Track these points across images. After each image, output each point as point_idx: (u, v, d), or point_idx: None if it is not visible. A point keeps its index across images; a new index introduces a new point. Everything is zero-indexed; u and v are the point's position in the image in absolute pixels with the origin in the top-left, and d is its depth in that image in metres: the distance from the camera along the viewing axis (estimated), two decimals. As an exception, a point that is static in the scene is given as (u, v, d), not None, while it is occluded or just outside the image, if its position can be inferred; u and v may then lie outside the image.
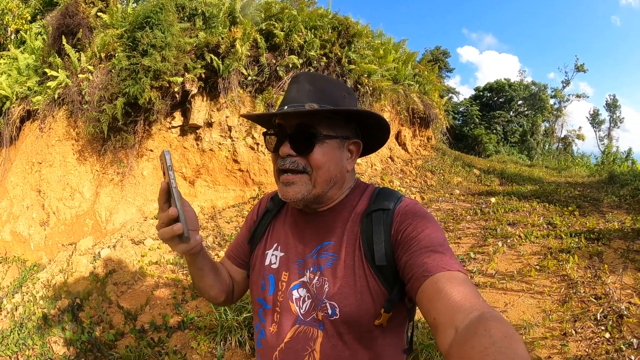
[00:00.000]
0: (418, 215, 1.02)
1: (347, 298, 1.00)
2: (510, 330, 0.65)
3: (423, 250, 0.92)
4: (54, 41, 7.21)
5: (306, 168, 1.06)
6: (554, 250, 4.86)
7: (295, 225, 1.20)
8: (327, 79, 1.15)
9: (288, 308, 1.08)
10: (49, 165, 6.89)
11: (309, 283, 1.07)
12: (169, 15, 6.35)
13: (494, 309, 0.77)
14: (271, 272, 1.16)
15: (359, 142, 1.16)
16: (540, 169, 14.49)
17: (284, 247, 1.18)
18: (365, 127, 1.17)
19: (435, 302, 0.82)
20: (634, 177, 9.93)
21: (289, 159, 1.06)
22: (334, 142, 1.08)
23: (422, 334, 3.46)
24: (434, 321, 0.80)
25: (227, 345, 3.63)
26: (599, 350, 3.15)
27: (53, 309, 4.75)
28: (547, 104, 31.15)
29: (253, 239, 1.30)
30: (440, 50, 32.09)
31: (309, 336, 1.03)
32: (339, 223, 1.11)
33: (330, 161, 1.07)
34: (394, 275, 0.99)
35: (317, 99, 1.06)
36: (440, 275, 0.85)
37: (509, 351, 0.60)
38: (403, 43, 11.62)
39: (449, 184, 9.61)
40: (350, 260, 1.04)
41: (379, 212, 1.06)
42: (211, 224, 6.54)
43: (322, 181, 1.07)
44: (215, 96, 7.29)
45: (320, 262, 1.07)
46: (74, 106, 6.71)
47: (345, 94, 1.13)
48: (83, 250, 5.83)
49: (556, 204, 7.30)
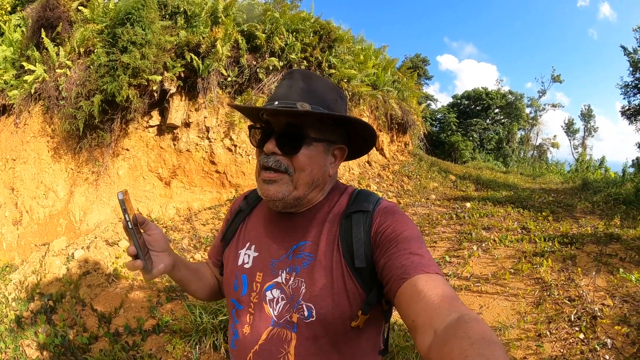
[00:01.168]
0: (397, 218, 1.01)
1: (324, 300, 0.98)
2: (489, 332, 0.66)
3: (401, 252, 0.92)
4: (33, 34, 7.03)
5: (288, 169, 1.04)
6: (528, 254, 4.96)
7: (269, 224, 1.17)
8: (321, 79, 1.12)
9: (262, 309, 1.06)
10: (23, 162, 6.70)
11: (284, 284, 1.04)
12: (150, 13, 6.27)
13: (472, 311, 0.78)
14: (244, 272, 1.14)
15: (344, 148, 1.14)
16: (515, 176, 14.83)
17: (257, 246, 1.15)
18: (352, 134, 1.16)
19: (413, 304, 0.81)
20: (606, 184, 10.25)
21: (273, 158, 1.04)
22: (320, 146, 1.06)
23: (398, 336, 3.48)
24: (413, 323, 0.80)
25: (202, 348, 3.58)
26: (573, 351, 3.22)
27: (26, 311, 4.61)
28: (523, 112, 32.02)
29: (225, 238, 1.28)
30: (419, 58, 32.57)
31: (282, 339, 1.01)
32: (316, 223, 1.09)
33: (314, 164, 1.05)
34: (372, 277, 0.98)
35: (309, 99, 1.03)
36: (419, 278, 0.85)
37: (487, 352, 0.60)
38: (383, 49, 11.77)
39: (425, 188, 9.74)
40: (327, 262, 1.02)
41: (358, 214, 1.04)
42: (187, 226, 6.44)
43: (304, 184, 1.05)
44: (194, 96, 7.21)
45: (295, 262, 1.05)
46: (51, 102, 6.55)
47: (337, 97, 1.12)
48: (56, 251, 5.67)
49: (530, 209, 7.47)
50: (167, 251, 1.14)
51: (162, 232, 1.14)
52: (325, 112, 1.03)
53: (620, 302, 3.72)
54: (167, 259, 1.12)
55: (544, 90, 35.02)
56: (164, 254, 1.12)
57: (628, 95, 25.69)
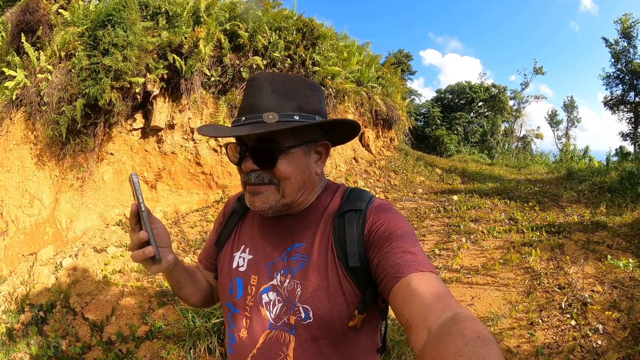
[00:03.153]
0: (390, 216, 1.01)
1: (320, 301, 0.98)
2: (484, 331, 0.66)
3: (395, 250, 0.92)
4: (13, 39, 6.86)
5: (272, 180, 1.02)
6: (517, 244, 5.02)
7: (263, 226, 1.16)
8: (287, 78, 1.06)
9: (258, 312, 1.05)
10: (6, 171, 6.56)
11: (280, 286, 1.03)
12: (131, 14, 6.17)
13: (467, 309, 0.77)
14: (239, 275, 1.12)
15: (327, 144, 1.11)
16: (500, 168, 14.98)
17: (252, 249, 1.14)
18: (332, 127, 1.13)
19: (408, 303, 0.81)
20: (591, 173, 10.41)
21: (254, 174, 1.02)
22: (299, 150, 1.03)
23: (392, 330, 3.50)
24: (407, 322, 0.79)
25: (196, 352, 3.55)
26: (566, 337, 3.27)
27: (17, 323, 4.53)
28: (507, 105, 32.46)
29: (219, 241, 1.26)
30: (403, 54, 32.78)
31: (281, 341, 1.00)
32: (311, 224, 1.08)
33: (296, 170, 1.03)
34: (367, 276, 0.98)
35: (277, 105, 0.99)
36: (413, 276, 0.85)
37: (482, 351, 0.60)
38: (367, 45, 11.79)
39: (412, 183, 9.80)
40: (322, 262, 1.01)
41: (351, 213, 1.04)
42: (175, 229, 6.38)
43: (291, 191, 1.04)
44: (178, 97, 7.14)
45: (291, 264, 1.04)
46: (32, 108, 6.40)
47: (308, 91, 1.06)
48: (44, 260, 5.58)
49: (517, 200, 7.56)
50: (169, 247, 1.09)
51: (165, 227, 1.10)
52: (292, 121, 0.98)
53: (610, 288, 3.79)
54: (171, 255, 1.08)
55: (526, 83, 35.55)
56: (166, 250, 1.07)
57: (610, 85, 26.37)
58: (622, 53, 24.61)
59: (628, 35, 23.97)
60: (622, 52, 24.60)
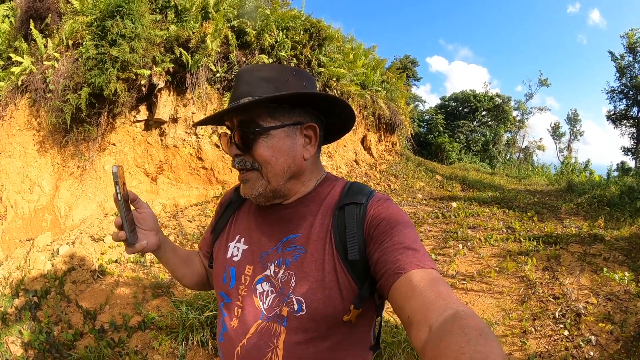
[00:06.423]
0: (391, 211, 1.00)
1: (314, 294, 0.96)
2: (485, 328, 0.66)
3: (396, 246, 0.90)
4: (22, 25, 6.89)
5: (254, 165, 1.03)
6: (513, 253, 5.02)
7: (259, 217, 1.15)
8: (267, 67, 1.07)
9: (251, 302, 1.04)
10: (8, 156, 6.57)
11: (273, 277, 1.02)
12: (140, 6, 6.19)
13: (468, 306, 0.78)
14: (233, 265, 1.12)
15: (315, 126, 1.07)
16: (501, 177, 14.98)
17: (247, 239, 1.14)
18: (322, 109, 1.10)
19: (409, 299, 0.80)
20: (591, 187, 10.39)
21: (237, 159, 1.05)
22: (280, 132, 1.02)
23: (384, 332, 3.49)
24: (408, 319, 0.79)
25: (189, 344, 3.56)
26: (558, 347, 3.27)
27: (10, 308, 4.53)
28: (510, 115, 32.40)
29: (215, 230, 1.27)
30: (409, 59, 32.84)
31: (271, 332, 0.99)
32: (307, 216, 1.07)
33: (277, 153, 1.02)
34: (365, 271, 0.96)
35: (255, 90, 1.00)
36: (414, 273, 0.84)
37: (484, 349, 0.60)
38: (373, 49, 11.86)
39: (411, 188, 9.81)
40: (319, 255, 1.00)
41: (351, 206, 1.02)
42: (173, 222, 6.39)
43: (274, 175, 1.03)
44: (182, 91, 7.15)
45: (285, 255, 1.03)
46: (37, 94, 6.42)
47: (288, 77, 1.04)
48: (41, 246, 5.58)
49: (515, 209, 7.55)
50: (154, 231, 1.17)
51: (152, 212, 1.18)
52: (262, 97, 0.97)
53: (604, 300, 3.79)
54: (154, 238, 1.16)
55: (531, 94, 35.52)
56: (150, 233, 1.15)
57: (614, 100, 26.34)
58: (627, 68, 24.59)
59: (633, 50, 23.96)
60: (627, 67, 24.58)
